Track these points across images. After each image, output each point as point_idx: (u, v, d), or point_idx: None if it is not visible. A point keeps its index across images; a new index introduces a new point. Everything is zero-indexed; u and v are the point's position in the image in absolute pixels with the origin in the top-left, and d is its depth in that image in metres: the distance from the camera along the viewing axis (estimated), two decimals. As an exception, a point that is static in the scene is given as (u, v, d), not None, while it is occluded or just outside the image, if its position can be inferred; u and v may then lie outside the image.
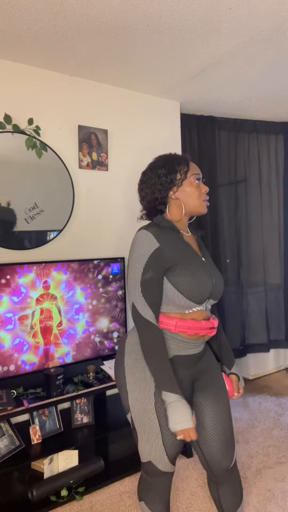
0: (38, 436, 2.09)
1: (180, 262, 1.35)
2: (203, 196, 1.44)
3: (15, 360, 2.09)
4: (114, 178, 2.64)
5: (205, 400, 1.45)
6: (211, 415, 1.43)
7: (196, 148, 3.21)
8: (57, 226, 2.38)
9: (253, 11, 1.80)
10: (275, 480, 2.16)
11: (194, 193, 1.42)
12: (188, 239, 1.48)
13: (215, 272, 1.46)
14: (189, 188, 1.41)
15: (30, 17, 1.80)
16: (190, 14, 1.81)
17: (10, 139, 2.19)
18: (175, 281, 1.33)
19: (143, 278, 1.31)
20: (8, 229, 2.22)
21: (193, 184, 1.42)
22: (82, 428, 2.23)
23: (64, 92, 2.43)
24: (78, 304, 2.30)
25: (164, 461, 1.40)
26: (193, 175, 1.42)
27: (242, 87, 2.70)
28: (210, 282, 1.39)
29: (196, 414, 1.45)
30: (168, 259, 1.33)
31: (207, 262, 1.46)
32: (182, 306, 1.36)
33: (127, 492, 2.10)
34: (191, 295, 1.34)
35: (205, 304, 1.41)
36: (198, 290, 1.35)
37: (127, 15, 1.80)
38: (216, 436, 1.42)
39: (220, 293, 1.46)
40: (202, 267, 1.39)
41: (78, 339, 2.31)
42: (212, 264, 1.49)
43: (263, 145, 3.53)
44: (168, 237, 1.37)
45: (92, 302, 2.36)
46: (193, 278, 1.34)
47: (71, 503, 2.01)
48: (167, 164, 1.41)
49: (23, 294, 2.11)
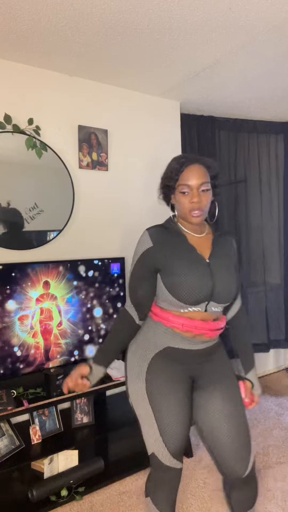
0: (38, 436, 2.09)
1: (172, 263, 1.37)
2: (189, 206, 1.38)
3: (15, 360, 2.09)
4: (114, 178, 2.64)
5: (209, 401, 1.43)
6: (216, 418, 1.41)
7: (196, 148, 3.20)
8: (57, 226, 2.38)
9: (253, 11, 1.80)
10: (275, 480, 2.16)
11: (182, 203, 1.41)
12: (198, 240, 1.45)
13: (222, 275, 1.40)
14: (178, 197, 1.42)
15: (30, 17, 1.80)
16: (190, 14, 1.81)
17: (10, 139, 2.19)
18: (166, 282, 1.38)
19: (132, 273, 1.46)
20: (15, 229, 2.24)
21: (180, 194, 1.40)
22: (82, 428, 2.23)
23: (64, 92, 2.42)
24: (78, 304, 2.30)
25: (165, 454, 1.39)
26: (181, 186, 1.39)
27: (242, 87, 2.69)
28: (206, 285, 1.36)
29: (199, 414, 1.45)
30: (158, 260, 1.39)
31: (215, 264, 1.41)
32: (176, 305, 1.38)
33: (127, 492, 2.10)
34: (180, 297, 1.35)
35: (204, 305, 1.38)
36: (188, 292, 1.34)
37: (127, 15, 1.80)
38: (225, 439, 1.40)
39: (225, 297, 1.41)
40: (199, 270, 1.37)
41: (78, 339, 2.31)
42: (223, 267, 1.42)
43: (263, 145, 3.53)
44: (168, 239, 1.41)
45: (92, 302, 2.36)
46: (183, 280, 1.34)
47: (71, 503, 2.01)
48: (166, 171, 1.46)
49: (23, 294, 2.11)
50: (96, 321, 2.38)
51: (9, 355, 2.07)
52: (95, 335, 2.37)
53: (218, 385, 1.45)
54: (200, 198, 1.38)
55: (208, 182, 1.40)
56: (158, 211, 2.88)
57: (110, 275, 2.42)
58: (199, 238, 1.46)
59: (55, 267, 2.21)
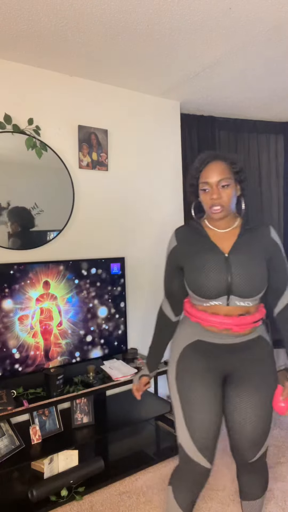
0: (38, 436, 2.09)
1: (192, 259, 1.44)
2: (209, 203, 1.41)
3: (15, 360, 2.09)
4: (114, 178, 2.64)
5: (236, 395, 1.47)
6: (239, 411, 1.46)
7: (196, 148, 3.20)
8: (57, 226, 2.38)
9: (253, 11, 1.80)
10: (275, 480, 2.16)
11: (203, 200, 1.44)
12: (221, 235, 1.47)
13: (242, 269, 1.39)
14: (200, 195, 1.45)
15: (30, 17, 1.80)
16: (190, 14, 1.81)
17: (10, 139, 2.19)
18: (187, 278, 1.47)
19: (165, 269, 1.58)
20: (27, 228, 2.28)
21: (201, 192, 1.44)
22: (82, 428, 2.23)
23: (64, 92, 2.42)
24: (78, 304, 2.30)
25: (190, 446, 1.41)
26: (201, 183, 1.43)
27: (242, 87, 2.69)
28: (222, 279, 1.38)
29: (228, 407, 1.49)
30: (181, 258, 1.49)
31: (235, 258, 1.41)
32: (198, 300, 1.44)
33: (127, 492, 2.10)
34: (197, 291, 1.41)
35: (224, 299, 1.40)
36: (203, 286, 1.39)
37: (127, 15, 1.80)
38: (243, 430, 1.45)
39: (247, 291, 1.40)
40: (216, 264, 1.40)
41: (78, 339, 2.31)
42: (245, 260, 1.41)
43: (263, 145, 3.53)
44: (191, 237, 1.50)
45: (93, 302, 2.35)
46: (199, 275, 1.40)
47: (71, 503, 2.01)
48: (191, 169, 1.49)
49: (23, 294, 2.11)
50: (96, 321, 2.38)
51: (9, 355, 2.07)
52: (95, 335, 2.37)
53: (249, 381, 1.47)
54: (220, 195, 1.39)
55: (229, 178, 1.41)
56: (158, 211, 2.88)
57: (110, 275, 2.42)
58: (223, 233, 1.48)
59: (55, 267, 2.21)
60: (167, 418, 2.56)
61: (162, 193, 2.87)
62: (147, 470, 2.26)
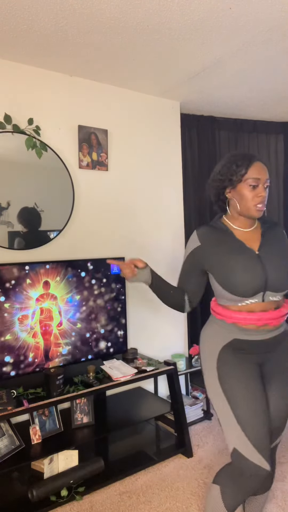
0: (38, 436, 2.08)
1: (223, 259, 1.44)
2: (256, 200, 1.43)
3: (15, 360, 2.09)
4: (114, 178, 2.64)
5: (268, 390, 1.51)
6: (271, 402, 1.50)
7: (196, 148, 3.21)
8: (57, 226, 2.38)
9: (253, 11, 1.80)
10: (275, 480, 2.16)
11: (247, 196, 1.44)
12: (247, 234, 1.50)
13: (273, 264, 1.44)
14: (242, 191, 1.45)
15: (30, 17, 1.80)
16: (190, 14, 1.81)
17: (10, 139, 2.19)
18: (218, 278, 1.46)
19: (182, 268, 1.58)
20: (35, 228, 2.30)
21: (246, 188, 1.44)
22: (82, 428, 2.23)
23: (64, 92, 2.43)
24: (78, 304, 2.30)
25: (248, 448, 1.35)
26: (250, 179, 1.43)
27: (242, 87, 2.70)
28: (259, 276, 1.40)
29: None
30: (206, 258, 1.48)
31: (265, 255, 1.45)
32: (233, 300, 1.44)
33: (127, 492, 2.10)
34: (234, 290, 1.41)
35: (260, 296, 1.42)
36: (241, 285, 1.40)
37: (127, 15, 1.80)
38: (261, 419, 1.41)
39: (281, 285, 1.44)
40: (250, 262, 1.41)
41: (78, 339, 2.31)
42: (274, 256, 1.46)
43: (263, 145, 3.53)
44: (216, 237, 1.49)
45: (92, 302, 2.35)
46: (235, 274, 1.41)
47: (71, 503, 2.01)
48: (227, 164, 1.47)
49: (23, 294, 2.11)
50: (96, 321, 2.38)
51: (9, 355, 2.07)
52: (95, 335, 2.37)
53: (278, 375, 1.52)
54: (265, 193, 1.45)
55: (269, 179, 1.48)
56: (158, 210, 2.88)
57: (110, 275, 2.42)
58: (248, 232, 1.51)
59: (55, 267, 2.21)
60: (167, 418, 2.57)
61: (162, 193, 2.87)
62: (147, 470, 2.26)
